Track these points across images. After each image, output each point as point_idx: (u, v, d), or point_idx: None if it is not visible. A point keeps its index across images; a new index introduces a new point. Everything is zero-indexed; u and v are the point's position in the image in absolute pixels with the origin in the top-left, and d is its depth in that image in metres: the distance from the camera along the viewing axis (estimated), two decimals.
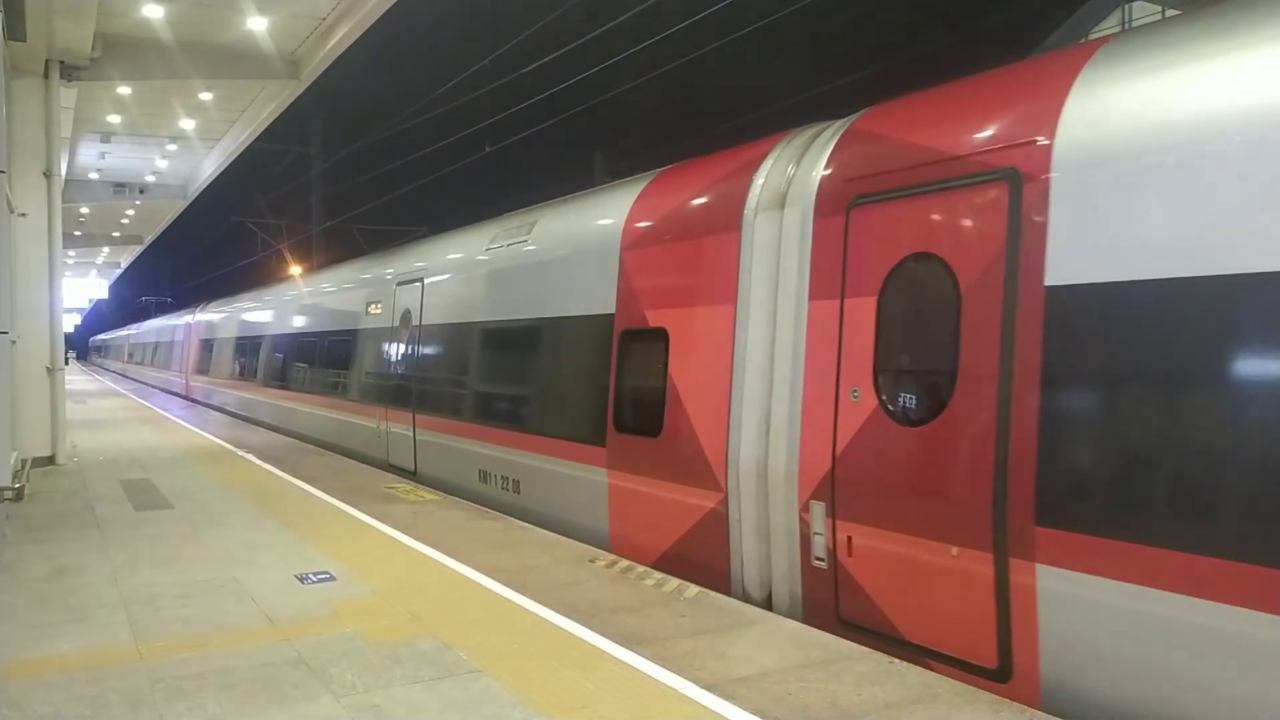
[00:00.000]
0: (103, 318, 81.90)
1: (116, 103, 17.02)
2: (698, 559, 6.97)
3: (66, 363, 15.06)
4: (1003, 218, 4.92)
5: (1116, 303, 4.37)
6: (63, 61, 13.18)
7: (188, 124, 18.95)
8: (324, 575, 6.90)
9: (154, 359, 41.72)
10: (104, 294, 50.97)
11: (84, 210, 27.79)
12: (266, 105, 17.27)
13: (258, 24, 13.30)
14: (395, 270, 13.92)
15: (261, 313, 22.78)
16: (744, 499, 6.56)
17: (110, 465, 13.07)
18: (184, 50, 13.98)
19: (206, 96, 16.72)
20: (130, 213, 29.72)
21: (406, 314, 12.91)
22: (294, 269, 31.56)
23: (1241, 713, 3.88)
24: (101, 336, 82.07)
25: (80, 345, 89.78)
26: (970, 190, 5.13)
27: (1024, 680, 4.69)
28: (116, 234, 34.77)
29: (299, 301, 19.69)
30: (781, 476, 6.19)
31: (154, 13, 12.72)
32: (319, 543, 8.01)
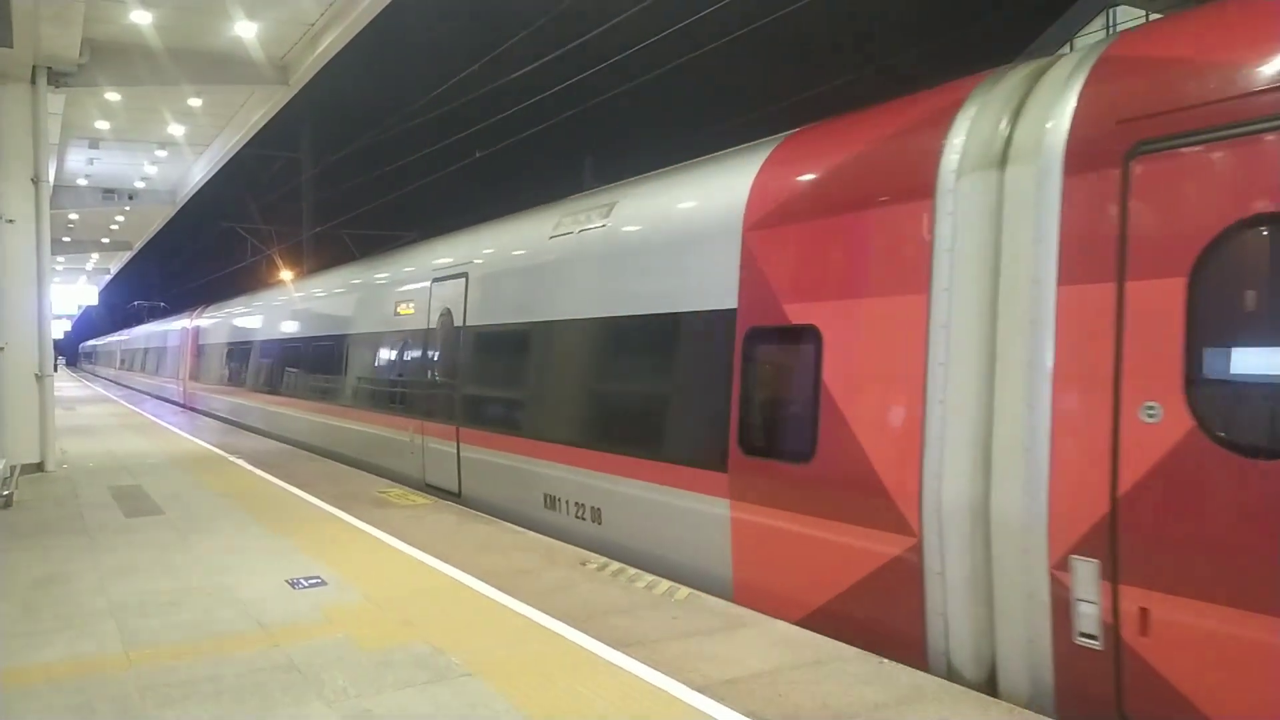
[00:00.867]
0: (92, 324, 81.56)
1: (105, 109, 16.97)
2: (874, 618, 5.52)
3: (55, 369, 15.00)
4: None
5: None
6: (50, 67, 13.12)
7: (177, 130, 18.88)
8: (315, 580, 6.88)
9: (148, 366, 39.86)
10: (93, 300, 50.73)
11: (73, 216, 27.67)
12: (256, 111, 17.23)
13: (246, 30, 13.27)
14: (430, 266, 12.30)
15: (269, 316, 21.17)
16: (949, 547, 5.09)
17: (100, 472, 13.00)
18: (172, 56, 13.93)
19: (195, 102, 16.68)
20: (119, 219, 29.60)
21: (446, 314, 11.37)
22: (306, 269, 30.12)
23: None
24: (92, 342, 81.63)
25: (70, 352, 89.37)
26: None
27: None
28: (105, 240, 34.61)
29: (313, 303, 18.07)
30: (1016, 521, 4.74)
31: (142, 18, 12.68)
32: (310, 548, 7.98)
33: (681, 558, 7.03)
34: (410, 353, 12.51)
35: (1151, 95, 4.44)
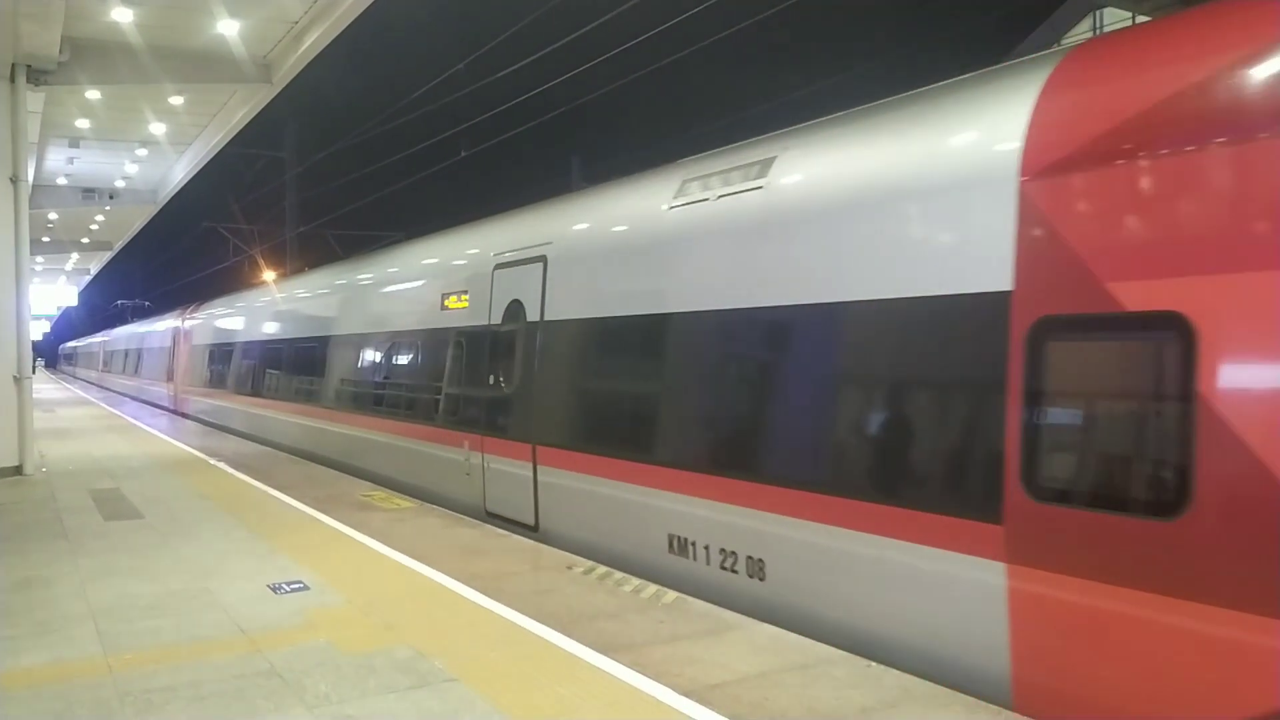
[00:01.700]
0: (72, 325, 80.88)
1: (85, 107, 16.82)
2: None
3: (34, 371, 14.84)
4: None
5: None
6: (29, 65, 13.00)
7: (158, 128, 18.75)
8: (297, 585, 6.82)
9: (133, 368, 37.33)
10: (73, 301, 50.31)
11: (52, 216, 27.43)
12: (238, 109, 17.12)
13: (229, 27, 13.17)
14: (490, 250, 10.28)
15: (278, 314, 19.02)
16: None
17: (79, 475, 12.87)
18: (154, 54, 13.81)
19: (177, 101, 16.56)
20: (100, 218, 29.37)
21: (515, 306, 9.39)
22: (305, 266, 28.03)
23: None
24: (72, 344, 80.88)
25: (49, 353, 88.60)
26: None
27: None
28: (85, 240, 34.35)
29: (332, 298, 16.00)
30: None
31: (123, 16, 12.56)
32: (292, 552, 7.91)
33: (922, 640, 5.10)
34: (463, 354, 10.47)
35: None
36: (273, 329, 19.21)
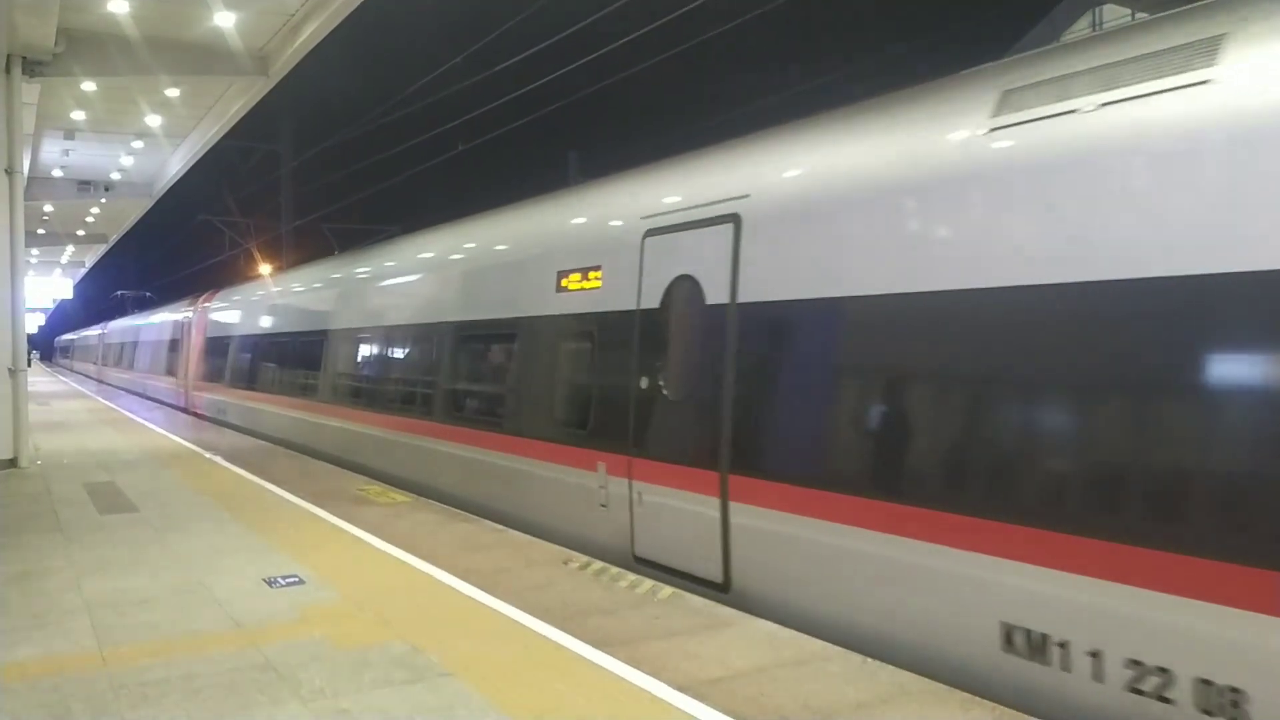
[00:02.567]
0: (67, 317, 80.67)
1: (81, 99, 16.78)
2: None
3: (30, 364, 14.80)
4: None
5: None
6: (25, 57, 12.96)
7: (154, 121, 18.71)
8: (292, 579, 6.81)
9: (137, 362, 34.15)
10: (69, 293, 50.14)
11: (47, 208, 27.36)
12: (234, 102, 17.08)
13: (225, 19, 13.13)
14: (637, 211, 7.78)
15: (319, 301, 16.18)
16: None
17: (74, 468, 12.84)
18: (150, 46, 13.78)
19: (173, 93, 16.51)
20: (95, 211, 29.29)
21: (684, 285, 6.96)
22: (303, 259, 25.38)
23: None
24: (68, 336, 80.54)
25: (44, 346, 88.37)
26: None
27: None
28: (81, 232, 34.26)
29: (393, 281, 13.36)
30: None
31: (119, 7, 12.52)
32: (287, 546, 7.90)
33: None
34: (595, 347, 8.05)
35: None
36: (304, 323, 16.47)
